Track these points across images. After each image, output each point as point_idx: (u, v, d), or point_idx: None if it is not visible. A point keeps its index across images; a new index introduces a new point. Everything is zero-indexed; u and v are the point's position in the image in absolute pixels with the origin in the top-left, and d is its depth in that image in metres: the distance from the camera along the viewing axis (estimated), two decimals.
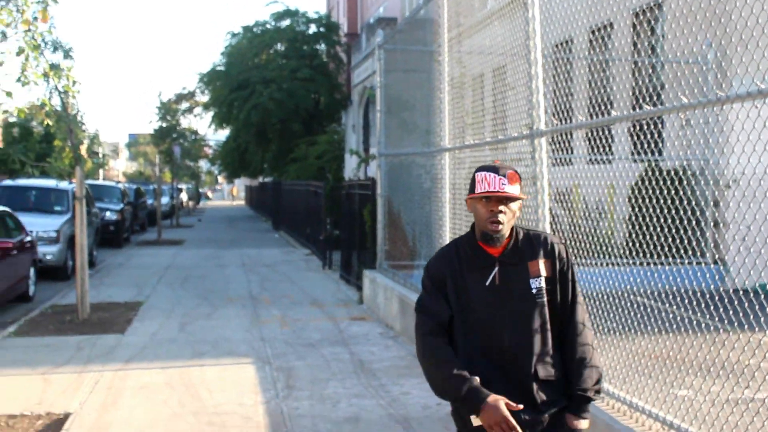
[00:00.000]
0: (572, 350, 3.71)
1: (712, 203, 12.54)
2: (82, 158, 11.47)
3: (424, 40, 11.60)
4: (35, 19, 7.28)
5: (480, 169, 3.67)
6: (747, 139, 4.70)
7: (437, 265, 3.82)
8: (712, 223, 12.76)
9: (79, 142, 11.15)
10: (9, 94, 6.92)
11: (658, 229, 6.44)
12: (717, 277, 9.33)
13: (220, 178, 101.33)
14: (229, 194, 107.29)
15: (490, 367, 3.64)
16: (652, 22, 13.03)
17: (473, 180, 3.68)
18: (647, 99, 7.19)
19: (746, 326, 5.15)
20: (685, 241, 6.33)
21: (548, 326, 3.70)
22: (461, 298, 3.71)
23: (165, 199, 41.80)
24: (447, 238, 9.88)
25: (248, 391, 8.26)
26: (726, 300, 5.36)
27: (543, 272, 3.71)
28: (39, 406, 7.74)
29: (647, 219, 6.81)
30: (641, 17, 12.85)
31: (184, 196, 58.50)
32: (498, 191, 3.57)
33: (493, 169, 3.62)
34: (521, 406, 3.49)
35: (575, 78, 12.13)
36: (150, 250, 25.25)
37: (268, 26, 42.61)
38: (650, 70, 13.47)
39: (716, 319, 5.49)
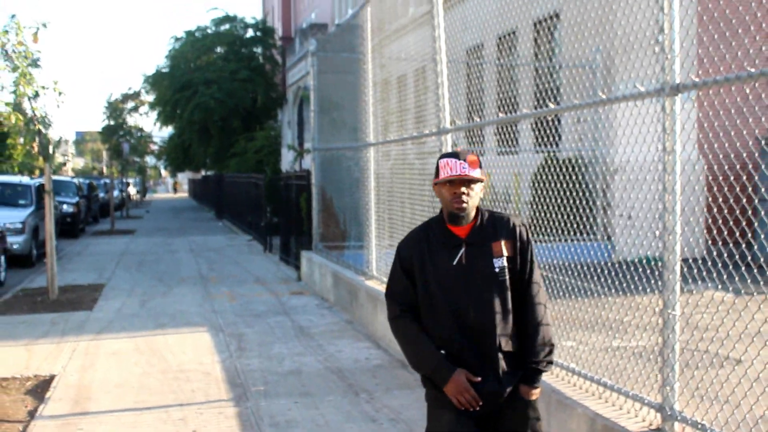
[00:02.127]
0: (527, 325, 3.77)
1: (601, 188, 13.55)
2: (51, 155, 12.06)
3: (353, 45, 12.24)
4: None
5: (443, 156, 3.76)
6: (629, 133, 5.44)
7: (407, 247, 3.88)
8: (601, 206, 13.78)
9: (47, 141, 11.74)
10: (9, 104, 7.60)
11: (556, 210, 6.91)
12: (605, 251, 10.29)
13: (164, 172, 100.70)
14: (173, 187, 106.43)
15: (460, 341, 3.71)
16: (551, 30, 13.97)
17: (437, 167, 3.76)
18: (546, 99, 7.80)
19: (625, 291, 5.97)
20: (579, 221, 7.08)
21: (509, 303, 3.76)
22: (429, 277, 3.76)
23: (115, 193, 41.89)
24: (373, 221, 10.73)
25: (206, 353, 9.03)
26: (612, 271, 6.01)
27: (505, 252, 3.76)
28: (26, 370, 8.41)
29: (547, 201, 7.22)
30: (540, 26, 13.81)
31: (132, 190, 58.41)
32: (459, 174, 3.65)
33: (455, 155, 3.71)
34: (479, 379, 3.65)
35: (486, 79, 12.99)
36: (105, 239, 25.62)
37: (209, 31, 42.97)
38: (549, 74, 14.34)
39: (599, 286, 6.19)
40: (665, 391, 4.64)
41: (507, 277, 3.75)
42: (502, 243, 3.75)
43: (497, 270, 3.72)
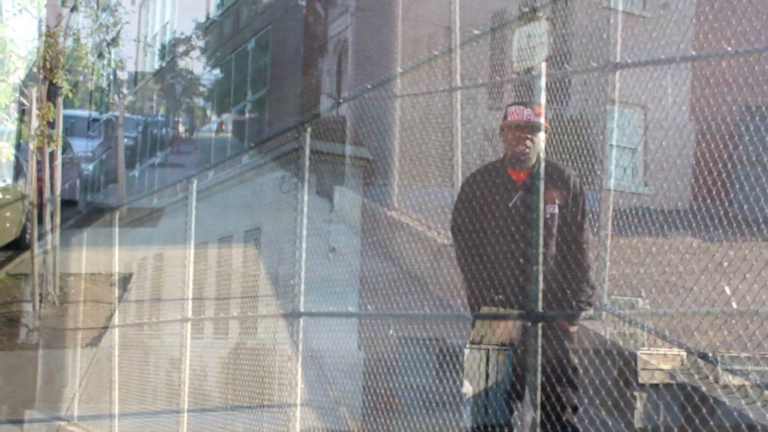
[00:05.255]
0: (575, 268, 3.88)
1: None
2: None
3: None
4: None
5: (511, 104, 3.93)
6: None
7: (470, 184, 3.99)
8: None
9: None
10: None
11: None
12: None
13: None
14: None
15: (504, 275, 3.83)
16: None
17: (506, 113, 3.88)
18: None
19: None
20: None
21: (555, 246, 3.82)
22: (488, 215, 3.84)
23: None
24: None
25: None
26: None
27: (557, 201, 3.85)
28: None
29: None
30: None
31: None
32: (526, 119, 3.79)
33: (522, 103, 3.90)
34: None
35: None
36: None
37: None
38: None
39: None
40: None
41: (556, 223, 3.87)
42: (556, 192, 3.86)
43: (548, 215, 3.80)
